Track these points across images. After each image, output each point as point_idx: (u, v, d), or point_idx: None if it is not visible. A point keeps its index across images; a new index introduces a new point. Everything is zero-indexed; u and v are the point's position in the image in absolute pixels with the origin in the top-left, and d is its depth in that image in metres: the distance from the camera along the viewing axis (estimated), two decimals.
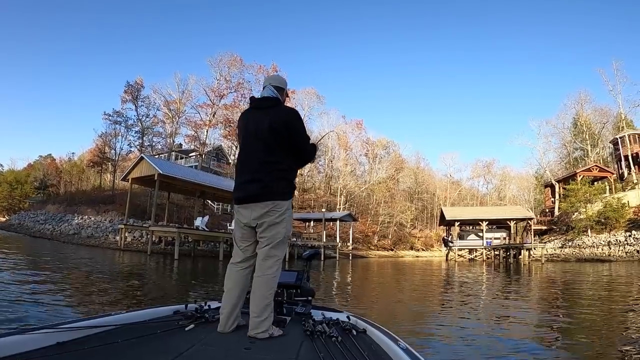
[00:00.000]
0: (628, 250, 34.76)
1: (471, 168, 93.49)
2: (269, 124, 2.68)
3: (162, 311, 2.77)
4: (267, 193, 2.65)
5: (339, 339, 2.18)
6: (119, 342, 1.94)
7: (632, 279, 17.37)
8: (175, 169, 30.44)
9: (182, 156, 54.62)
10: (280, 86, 2.93)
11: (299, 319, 2.82)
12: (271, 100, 2.85)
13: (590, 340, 5.83)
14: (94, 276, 11.84)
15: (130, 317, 2.45)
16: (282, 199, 2.69)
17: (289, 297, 3.32)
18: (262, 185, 2.65)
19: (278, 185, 2.68)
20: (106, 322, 2.24)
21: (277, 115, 2.73)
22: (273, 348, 2.20)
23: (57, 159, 75.91)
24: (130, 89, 51.52)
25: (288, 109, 2.84)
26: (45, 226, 40.14)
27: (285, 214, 2.69)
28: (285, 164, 2.74)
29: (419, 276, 20.94)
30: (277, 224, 2.66)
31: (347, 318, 2.84)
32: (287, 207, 2.72)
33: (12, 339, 1.73)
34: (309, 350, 2.10)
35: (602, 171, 48.38)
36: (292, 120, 2.74)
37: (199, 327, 2.47)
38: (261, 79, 53.60)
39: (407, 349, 1.96)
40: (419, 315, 8.37)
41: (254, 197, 2.68)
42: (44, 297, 7.45)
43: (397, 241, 64.40)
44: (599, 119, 59.74)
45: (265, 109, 2.81)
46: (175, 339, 2.16)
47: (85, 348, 1.81)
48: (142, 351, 1.93)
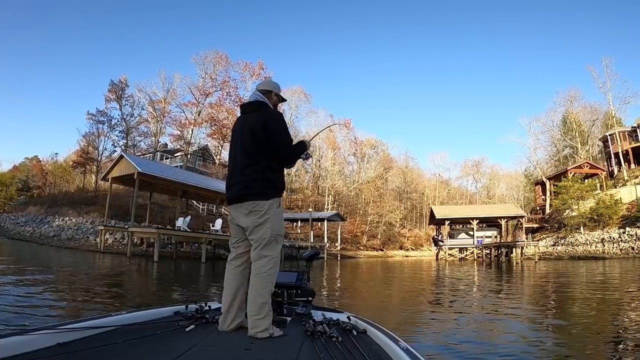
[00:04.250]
0: (623, 247, 34.36)
1: (460, 167, 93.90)
2: (249, 127, 2.82)
3: (163, 312, 2.83)
4: (247, 194, 2.75)
5: (339, 340, 2.19)
6: (120, 343, 1.95)
7: (627, 276, 16.73)
8: (155, 167, 29.31)
9: (167, 156, 53.38)
10: (267, 89, 3.05)
11: (299, 320, 2.86)
12: (254, 104, 2.97)
13: (583, 343, 5.46)
14: (49, 281, 10.60)
15: (131, 318, 2.48)
16: (262, 199, 2.74)
17: (289, 297, 3.37)
18: (241, 187, 2.78)
19: (256, 185, 2.75)
20: (107, 322, 2.28)
21: (257, 118, 2.84)
22: (273, 348, 2.21)
23: (43, 160, 74.88)
24: (114, 88, 50.72)
25: (270, 111, 2.94)
26: (25, 228, 38.66)
27: (268, 214, 2.73)
28: (264, 164, 2.78)
29: (408, 277, 20.21)
30: (260, 225, 2.71)
31: (347, 318, 2.88)
32: (269, 206, 2.75)
33: (13, 340, 1.75)
34: (310, 350, 2.10)
35: (593, 168, 48.24)
36: (270, 122, 2.81)
37: (200, 327, 2.51)
38: (247, 77, 53.22)
39: (407, 349, 1.95)
40: (409, 320, 7.62)
41: (236, 199, 2.80)
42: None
43: (386, 241, 64.02)
44: (588, 117, 59.94)
45: (249, 113, 2.96)
46: (175, 340, 2.18)
47: (86, 349, 1.82)
48: (143, 352, 1.94)
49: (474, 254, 44.07)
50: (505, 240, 44.83)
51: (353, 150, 74.34)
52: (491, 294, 12.37)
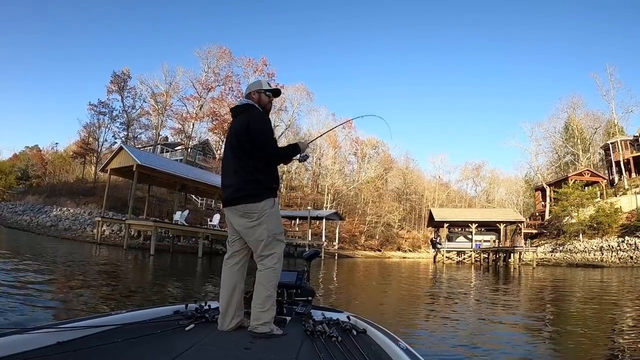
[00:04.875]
0: (621, 256, 34.21)
1: (460, 170, 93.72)
2: (234, 130, 2.87)
3: (162, 311, 2.82)
4: (240, 197, 2.75)
5: (339, 339, 2.19)
6: (119, 342, 1.94)
7: (624, 286, 16.51)
8: (154, 160, 29.08)
9: (168, 149, 53.27)
10: (250, 91, 3.07)
11: (299, 319, 2.86)
12: (240, 107, 3.04)
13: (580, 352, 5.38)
14: (32, 270, 10.49)
15: (131, 317, 2.48)
16: (254, 201, 2.73)
17: (289, 297, 3.37)
18: (234, 189, 2.79)
19: (247, 187, 2.75)
20: (106, 321, 2.27)
21: (242, 120, 2.87)
22: (273, 348, 2.21)
23: (43, 149, 74.76)
24: (116, 79, 50.61)
25: (253, 112, 2.92)
26: (22, 217, 38.48)
27: (262, 216, 2.72)
28: (251, 166, 2.78)
29: (406, 278, 20.01)
30: (254, 227, 2.71)
31: (347, 318, 2.88)
32: (262, 208, 2.73)
33: (13, 339, 1.75)
34: (309, 350, 2.10)
35: (594, 176, 48.06)
36: (252, 122, 2.81)
37: (199, 327, 2.51)
38: (250, 73, 52.97)
39: (407, 349, 1.95)
40: (407, 321, 7.47)
41: (229, 202, 2.81)
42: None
43: (384, 241, 63.88)
44: (590, 124, 59.68)
45: (237, 116, 3.01)
46: (175, 339, 2.17)
47: (86, 348, 1.82)
48: (143, 351, 1.93)
49: (471, 258, 43.81)
50: (503, 245, 44.60)
51: (354, 150, 74.25)
52: (488, 299, 12.19)
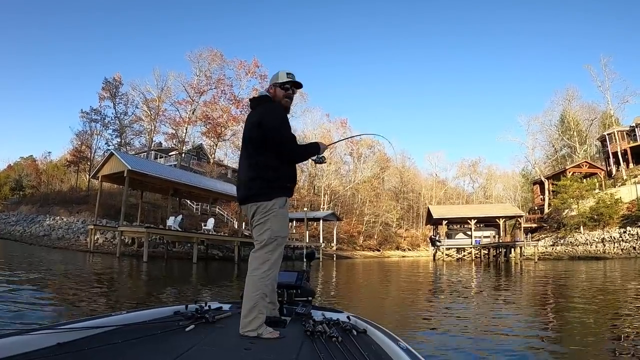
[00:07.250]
0: (624, 247, 33.93)
1: (457, 167, 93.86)
2: (248, 124, 2.80)
3: (163, 312, 2.81)
4: (249, 195, 2.73)
5: (339, 339, 2.18)
6: (120, 343, 1.93)
7: (628, 278, 16.05)
8: (145, 165, 28.63)
9: (161, 155, 52.76)
10: (271, 83, 2.95)
11: (299, 320, 2.85)
12: (256, 99, 2.95)
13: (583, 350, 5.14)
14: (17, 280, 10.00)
15: (131, 318, 2.46)
16: (264, 200, 2.68)
17: (289, 297, 3.36)
18: (245, 188, 2.76)
19: (254, 185, 2.70)
20: (107, 322, 2.26)
21: (255, 113, 2.80)
22: (273, 348, 2.20)
23: (38, 159, 74.42)
24: (108, 86, 50.28)
25: (267, 105, 2.81)
26: (15, 228, 38.08)
27: (269, 214, 2.67)
28: (262, 162, 2.70)
29: (405, 278, 19.60)
30: (261, 223, 2.68)
31: (347, 318, 2.87)
32: (272, 206, 2.68)
33: (13, 339, 1.74)
34: (310, 350, 2.09)
35: (592, 167, 48.02)
36: (265, 116, 2.71)
37: (199, 327, 2.46)
38: (242, 75, 52.65)
39: (407, 349, 1.95)
40: (407, 321, 7.16)
41: (242, 200, 2.80)
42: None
43: (382, 241, 63.68)
44: (586, 116, 59.74)
45: (254, 108, 2.91)
46: (175, 340, 2.16)
47: (86, 349, 1.81)
48: (143, 352, 1.92)
49: (471, 255, 43.46)
50: (503, 240, 44.31)
51: (349, 150, 73.79)
52: (489, 296, 11.82)
